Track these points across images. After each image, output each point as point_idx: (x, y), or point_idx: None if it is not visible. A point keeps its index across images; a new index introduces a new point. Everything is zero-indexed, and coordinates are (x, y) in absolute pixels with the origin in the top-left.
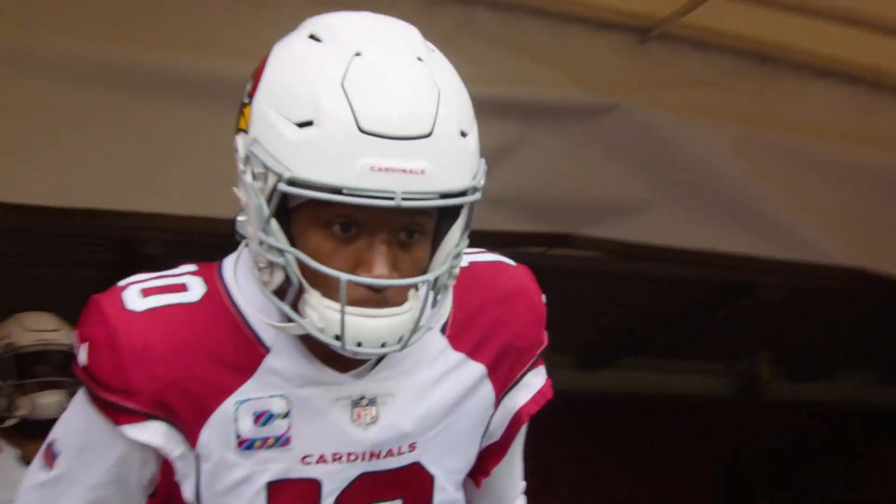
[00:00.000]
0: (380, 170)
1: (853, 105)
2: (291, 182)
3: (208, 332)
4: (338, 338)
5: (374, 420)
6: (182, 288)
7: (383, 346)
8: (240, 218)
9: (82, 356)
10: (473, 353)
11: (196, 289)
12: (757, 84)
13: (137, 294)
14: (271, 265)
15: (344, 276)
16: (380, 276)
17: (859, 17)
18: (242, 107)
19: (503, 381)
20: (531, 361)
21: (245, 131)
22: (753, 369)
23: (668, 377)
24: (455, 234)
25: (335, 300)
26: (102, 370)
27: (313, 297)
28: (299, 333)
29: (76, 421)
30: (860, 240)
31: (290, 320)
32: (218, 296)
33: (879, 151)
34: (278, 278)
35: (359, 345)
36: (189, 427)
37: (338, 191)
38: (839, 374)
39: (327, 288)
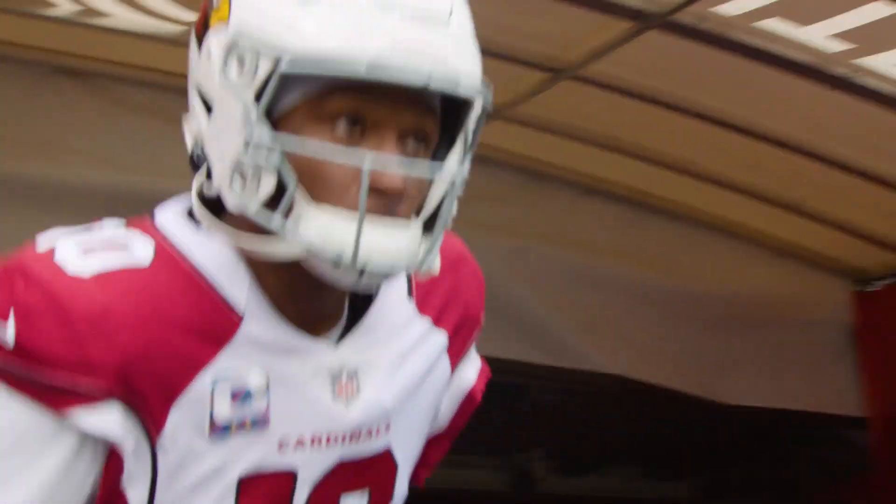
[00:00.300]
0: (402, 46)
1: (618, 223)
2: (294, 61)
3: (171, 299)
4: (339, 258)
5: (355, 395)
6: (125, 247)
7: (392, 267)
8: (197, 149)
9: (7, 332)
10: (438, 321)
11: (141, 249)
12: (532, 199)
13: (76, 251)
14: (257, 173)
15: (367, 162)
16: (396, 178)
17: (620, 145)
18: (211, 6)
19: (457, 355)
20: (475, 333)
21: (224, 22)
22: (528, 465)
23: (447, 472)
24: (457, 152)
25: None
26: (47, 343)
27: (309, 209)
28: (288, 258)
29: None
30: (622, 349)
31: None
32: (169, 256)
33: (639, 267)
34: (267, 186)
35: (365, 264)
36: (154, 411)
37: (353, 70)
38: (606, 468)
39: (329, 197)
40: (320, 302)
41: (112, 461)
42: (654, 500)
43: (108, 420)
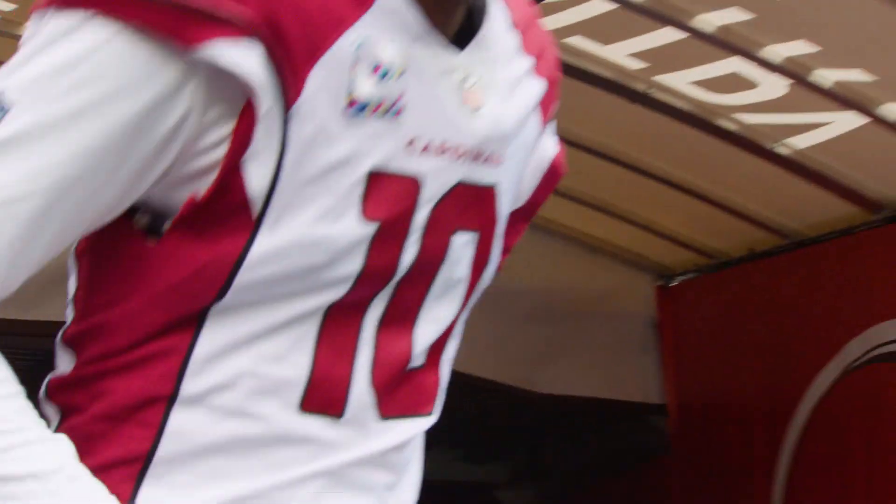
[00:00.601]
0: None
1: None
2: None
3: None
4: None
5: (480, 108)
6: None
7: None
8: None
9: None
10: (537, 66)
11: None
12: None
13: None
14: None
15: None
16: None
17: None
18: None
19: (545, 118)
20: (556, 104)
21: None
22: None
23: None
24: None
25: None
26: None
27: None
28: None
29: (67, 54)
30: None
31: None
32: None
33: None
34: None
35: None
36: (296, 67)
37: None
38: (426, 453)
39: None
40: (450, 5)
41: (241, 125)
42: (473, 482)
43: (251, 60)
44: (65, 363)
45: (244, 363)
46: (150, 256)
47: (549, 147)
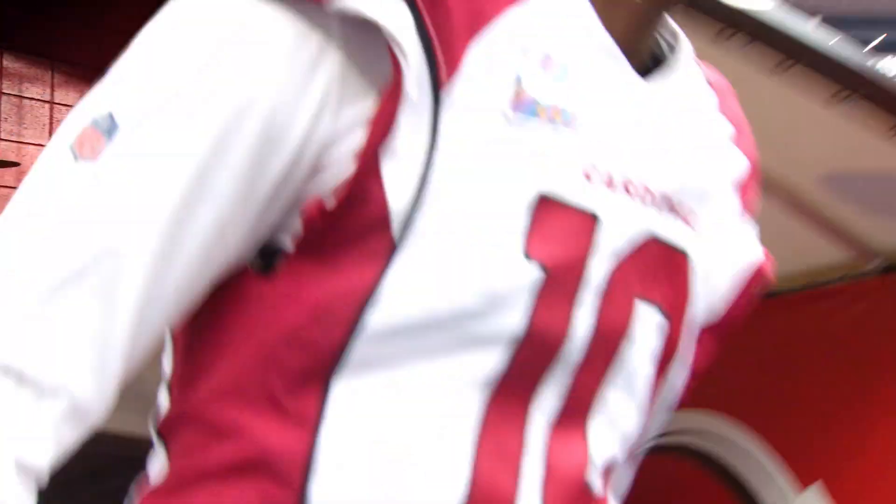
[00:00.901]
0: None
1: None
2: None
3: None
4: None
5: (673, 146)
6: None
7: None
8: None
9: None
10: (737, 139)
11: None
12: None
13: None
14: None
15: None
16: None
17: None
18: None
19: (744, 206)
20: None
21: None
22: None
23: None
24: None
25: None
26: None
27: None
28: None
29: (180, 50)
30: None
31: None
32: None
33: None
34: None
35: None
36: (452, 33)
37: None
38: None
39: None
40: (641, 31)
41: (383, 109)
42: None
43: (399, 16)
44: (155, 464)
45: (381, 468)
46: (259, 298)
47: (753, 248)
